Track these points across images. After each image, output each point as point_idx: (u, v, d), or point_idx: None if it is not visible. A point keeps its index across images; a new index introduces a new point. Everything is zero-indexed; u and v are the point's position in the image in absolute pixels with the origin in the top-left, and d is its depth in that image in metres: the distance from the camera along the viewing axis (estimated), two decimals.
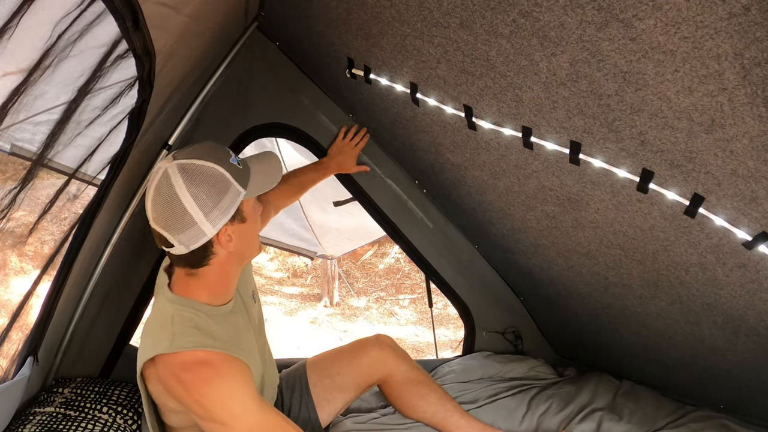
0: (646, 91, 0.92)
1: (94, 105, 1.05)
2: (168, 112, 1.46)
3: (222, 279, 1.19)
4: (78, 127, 1.04)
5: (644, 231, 1.26)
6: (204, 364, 1.08)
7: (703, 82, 0.83)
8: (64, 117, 0.97)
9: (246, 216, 1.15)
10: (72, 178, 1.23)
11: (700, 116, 0.89)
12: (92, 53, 0.91)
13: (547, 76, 1.05)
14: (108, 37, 0.89)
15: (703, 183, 1.00)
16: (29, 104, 0.84)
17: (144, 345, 1.15)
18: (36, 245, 1.29)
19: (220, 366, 1.09)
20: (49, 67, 0.79)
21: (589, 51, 0.93)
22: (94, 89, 0.98)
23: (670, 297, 1.42)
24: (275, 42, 1.82)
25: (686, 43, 0.80)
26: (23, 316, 1.20)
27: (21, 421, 1.22)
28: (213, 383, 1.07)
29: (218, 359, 1.09)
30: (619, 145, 1.07)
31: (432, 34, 1.20)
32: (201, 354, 1.09)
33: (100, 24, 0.83)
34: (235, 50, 1.70)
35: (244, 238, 1.16)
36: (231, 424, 1.07)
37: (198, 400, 1.06)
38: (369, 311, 5.41)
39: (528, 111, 1.18)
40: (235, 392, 1.09)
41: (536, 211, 1.53)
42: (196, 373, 1.07)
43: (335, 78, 1.76)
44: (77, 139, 1.10)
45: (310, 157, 2.10)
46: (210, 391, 1.07)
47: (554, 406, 1.69)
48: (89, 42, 0.83)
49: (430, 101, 1.43)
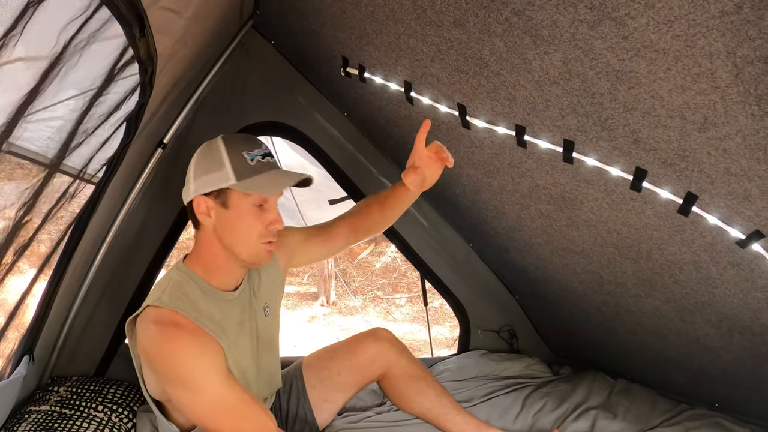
0: (638, 90, 0.92)
1: (101, 112, 1.05)
2: (163, 111, 1.45)
3: (210, 258, 1.23)
4: (85, 134, 1.04)
5: (638, 229, 1.26)
6: (175, 325, 1.12)
7: (696, 80, 0.83)
8: (75, 126, 0.96)
9: (229, 205, 1.19)
10: (77, 179, 1.22)
11: (692, 114, 0.89)
12: (100, 61, 0.90)
13: (540, 75, 1.05)
14: (115, 45, 0.89)
15: (697, 181, 1.01)
16: (39, 110, 0.83)
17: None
18: (33, 245, 1.29)
19: (190, 332, 1.13)
20: (57, 76, 0.78)
21: (582, 49, 0.93)
22: (102, 96, 0.97)
23: (664, 295, 1.42)
24: (270, 41, 1.81)
25: (678, 41, 0.80)
26: (19, 315, 1.20)
27: (16, 419, 1.22)
28: (177, 343, 1.10)
29: (190, 326, 1.14)
30: (613, 143, 1.07)
31: (426, 32, 1.20)
32: (177, 316, 1.14)
33: (105, 31, 0.82)
34: (230, 49, 1.70)
35: (226, 225, 1.20)
36: (193, 391, 1.11)
37: (162, 356, 1.10)
38: (366, 310, 5.41)
39: (521, 109, 1.18)
40: (198, 362, 1.11)
41: (530, 209, 1.53)
42: (164, 329, 1.11)
43: (330, 77, 1.75)
44: (83, 145, 1.09)
45: (306, 156, 2.10)
46: (172, 350, 1.10)
47: (549, 404, 1.69)
48: (96, 49, 0.83)
49: (425, 100, 1.43)
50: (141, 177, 1.56)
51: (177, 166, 1.67)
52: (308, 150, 1.93)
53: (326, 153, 1.92)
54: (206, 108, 1.70)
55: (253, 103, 1.80)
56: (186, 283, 1.20)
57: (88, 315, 1.55)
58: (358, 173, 1.95)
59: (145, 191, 1.60)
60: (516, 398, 1.73)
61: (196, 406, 1.12)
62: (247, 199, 1.18)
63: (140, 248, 1.62)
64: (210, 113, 1.71)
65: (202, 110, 1.69)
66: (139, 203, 1.60)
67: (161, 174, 1.63)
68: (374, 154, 1.97)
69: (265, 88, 1.81)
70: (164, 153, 1.60)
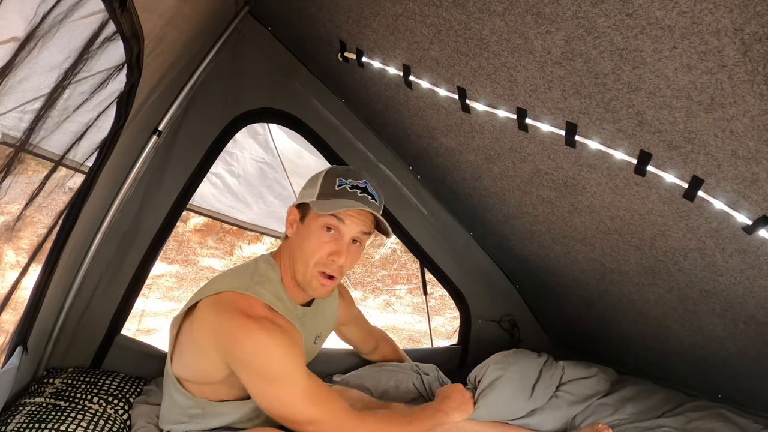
0: (643, 69, 0.89)
1: (82, 90, 1.02)
2: (157, 97, 1.42)
3: (287, 267, 1.24)
4: (65, 112, 1.01)
5: (642, 216, 1.23)
6: (269, 320, 1.13)
7: (702, 58, 0.80)
8: (50, 101, 0.94)
9: (307, 221, 1.22)
10: (59, 165, 1.20)
11: (699, 95, 0.86)
12: (78, 35, 0.88)
13: (542, 55, 1.02)
14: (95, 20, 0.86)
15: (703, 165, 0.98)
16: (13, 88, 0.81)
17: (211, 284, 1.21)
18: (23, 233, 1.27)
19: (284, 328, 1.14)
20: (34, 48, 0.76)
21: (585, 28, 0.90)
22: (81, 72, 0.94)
23: (668, 284, 1.40)
24: (267, 26, 1.78)
25: (684, 18, 0.77)
26: (10, 305, 1.18)
27: (11, 411, 1.20)
28: (275, 338, 1.10)
29: (283, 322, 1.17)
30: (616, 125, 1.04)
31: (424, 13, 1.16)
32: (268, 311, 1.15)
33: (85, 5, 0.79)
34: (226, 34, 1.66)
35: (299, 241, 1.22)
36: (285, 382, 1.11)
37: (253, 349, 1.09)
38: (366, 302, 5.40)
39: (523, 91, 1.15)
40: (292, 354, 1.12)
41: (532, 195, 1.50)
42: (259, 322, 1.11)
43: (328, 62, 1.72)
44: (64, 125, 1.07)
45: (303, 143, 2.07)
46: (269, 344, 1.09)
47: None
48: (75, 23, 0.80)
49: (424, 84, 1.40)
50: (136, 165, 1.53)
51: (172, 153, 1.64)
52: (305, 137, 1.90)
53: (324, 140, 1.89)
54: (202, 94, 1.66)
55: (250, 90, 1.77)
56: (274, 278, 1.23)
57: (83, 306, 1.52)
58: (356, 160, 1.92)
59: (140, 179, 1.57)
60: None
61: (284, 395, 1.11)
62: (318, 219, 1.19)
63: (136, 237, 1.60)
64: (206, 100, 1.68)
65: (197, 97, 1.65)
66: (134, 191, 1.58)
67: (157, 162, 1.61)
68: (373, 141, 1.94)
69: (262, 75, 1.78)
70: (159, 140, 1.57)
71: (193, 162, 1.68)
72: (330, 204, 1.17)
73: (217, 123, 1.71)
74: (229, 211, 2.74)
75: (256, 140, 2.52)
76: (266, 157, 2.59)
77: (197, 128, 1.67)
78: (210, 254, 5.82)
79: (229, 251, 5.90)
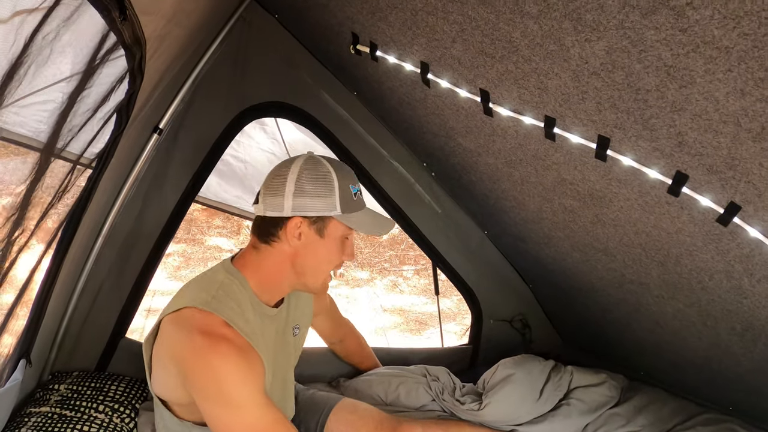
0: (691, 89, 0.81)
1: (85, 108, 0.94)
2: (158, 95, 1.35)
3: (273, 275, 1.17)
4: (70, 133, 0.94)
5: (670, 234, 1.17)
6: (225, 339, 1.05)
7: (759, 85, 0.73)
8: (57, 126, 0.86)
9: (326, 235, 1.16)
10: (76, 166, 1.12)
11: (749, 122, 0.79)
12: (78, 52, 0.80)
13: (578, 64, 0.94)
14: (93, 32, 0.78)
15: (742, 192, 0.91)
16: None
17: (176, 299, 1.14)
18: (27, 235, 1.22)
19: (240, 350, 1.06)
20: (26, 75, 0.68)
21: (630, 39, 0.82)
22: (85, 89, 0.87)
23: (689, 300, 1.35)
24: (274, 14, 1.67)
25: (745, 40, 0.69)
26: (14, 318, 1.14)
27: (16, 423, 1.18)
28: (226, 361, 1.03)
29: (241, 343, 1.07)
30: (654, 144, 0.97)
31: (447, 10, 1.08)
32: (227, 329, 1.07)
33: (81, 18, 0.71)
34: (230, 24, 1.57)
35: (312, 254, 1.16)
36: (232, 409, 1.04)
37: (204, 372, 1.03)
38: (373, 282, 5.40)
39: (553, 100, 1.07)
40: (244, 383, 1.05)
41: (553, 203, 1.44)
42: (213, 342, 1.03)
43: (339, 53, 1.63)
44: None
45: (312, 137, 1.99)
46: (219, 368, 1.03)
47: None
48: (71, 39, 0.72)
49: (443, 83, 1.32)
50: (137, 165, 1.47)
51: (174, 152, 1.57)
52: (314, 131, 1.82)
53: (333, 134, 1.81)
54: (204, 89, 1.58)
55: (255, 83, 1.68)
56: (237, 290, 1.13)
57: (86, 310, 1.49)
58: (368, 156, 1.85)
59: (141, 180, 1.51)
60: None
61: (232, 425, 1.05)
62: (342, 231, 1.17)
63: (138, 239, 1.55)
64: (209, 95, 1.59)
65: (200, 92, 1.57)
66: (136, 193, 1.52)
67: (158, 161, 1.54)
68: (386, 137, 1.86)
69: (268, 66, 1.69)
70: (160, 139, 1.50)
71: (196, 161, 1.61)
72: (363, 222, 1.17)
73: (220, 119, 1.63)
74: (236, 202, 2.67)
75: (264, 131, 2.45)
76: (273, 148, 2.52)
77: (200, 125, 1.60)
78: (217, 233, 5.80)
79: (237, 230, 5.87)
